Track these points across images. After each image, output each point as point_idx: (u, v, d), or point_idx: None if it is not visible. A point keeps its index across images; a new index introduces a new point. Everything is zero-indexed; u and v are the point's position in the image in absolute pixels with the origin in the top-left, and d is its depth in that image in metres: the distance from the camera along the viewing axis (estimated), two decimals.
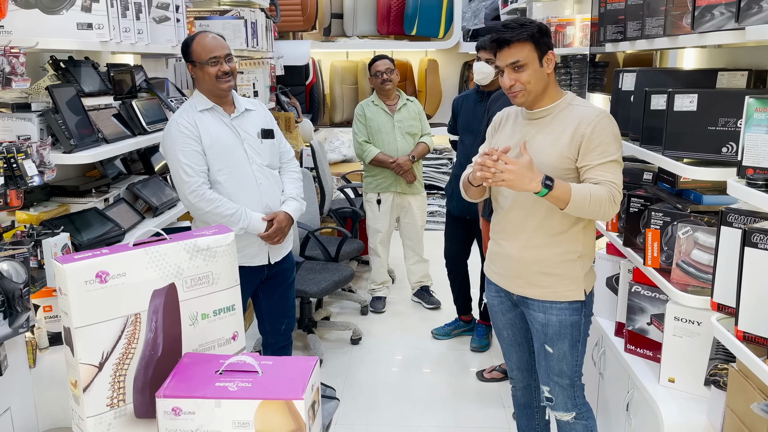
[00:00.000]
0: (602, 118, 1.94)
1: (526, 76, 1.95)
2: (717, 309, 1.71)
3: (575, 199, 1.84)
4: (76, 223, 2.27)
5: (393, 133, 4.08)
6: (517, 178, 1.81)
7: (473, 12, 6.43)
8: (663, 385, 2.07)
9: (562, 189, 1.84)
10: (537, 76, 1.96)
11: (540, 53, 1.95)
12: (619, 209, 1.94)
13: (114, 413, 1.31)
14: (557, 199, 1.85)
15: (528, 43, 1.94)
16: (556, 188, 1.83)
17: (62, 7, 2.17)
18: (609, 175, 1.90)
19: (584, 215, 1.92)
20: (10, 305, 1.73)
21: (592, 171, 1.92)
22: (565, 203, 1.85)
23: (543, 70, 1.97)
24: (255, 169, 2.49)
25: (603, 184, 1.89)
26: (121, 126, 2.52)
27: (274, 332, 2.74)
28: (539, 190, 1.82)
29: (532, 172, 1.82)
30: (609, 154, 1.91)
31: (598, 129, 1.91)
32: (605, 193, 1.87)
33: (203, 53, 2.39)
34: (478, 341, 3.74)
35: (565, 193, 1.84)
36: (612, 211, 1.90)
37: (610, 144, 1.92)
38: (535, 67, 1.95)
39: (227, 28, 3.73)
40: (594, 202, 1.86)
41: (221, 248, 1.43)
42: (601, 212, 1.89)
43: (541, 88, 1.99)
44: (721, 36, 1.69)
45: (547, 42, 1.98)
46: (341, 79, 6.58)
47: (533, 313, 2.10)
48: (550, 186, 1.82)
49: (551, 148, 1.97)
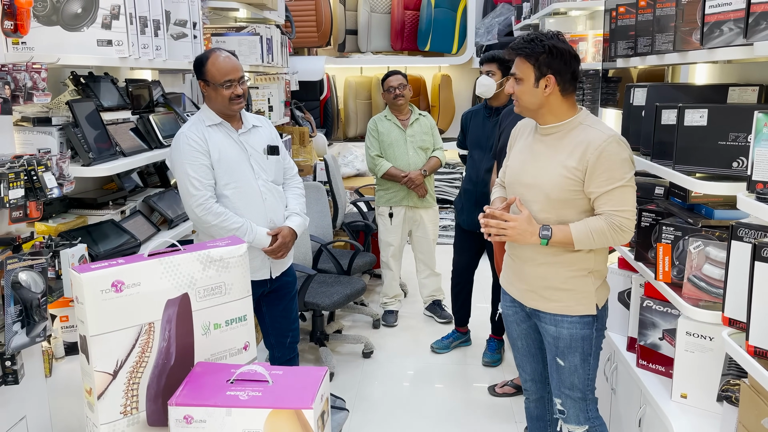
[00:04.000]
0: (609, 143, 1.92)
1: (519, 90, 2.01)
2: (728, 324, 1.70)
3: (578, 240, 1.95)
4: (93, 234, 2.31)
5: (405, 148, 4.11)
6: (517, 233, 1.97)
7: (486, 28, 6.47)
8: (675, 400, 2.05)
9: (563, 234, 1.96)
10: (529, 94, 1.98)
11: (538, 74, 1.95)
12: (629, 235, 1.96)
13: (127, 421, 1.33)
14: (561, 243, 1.98)
15: (527, 61, 1.96)
16: (555, 236, 1.96)
17: (83, 24, 2.23)
18: (613, 203, 1.93)
19: (599, 247, 2.00)
20: (27, 314, 1.76)
21: (597, 201, 1.96)
22: (571, 245, 1.97)
23: (537, 91, 1.97)
24: (261, 184, 2.53)
25: (604, 215, 1.94)
26: (138, 140, 2.57)
27: (280, 346, 2.76)
28: (539, 243, 1.97)
29: (531, 227, 1.97)
30: (614, 180, 1.91)
31: (604, 155, 1.91)
32: (605, 225, 1.93)
33: (218, 75, 2.42)
34: (490, 356, 3.73)
35: (566, 237, 1.96)
36: (621, 238, 1.96)
37: (616, 170, 1.91)
38: (529, 84, 1.97)
39: (243, 44, 3.80)
40: (598, 237, 1.95)
41: (234, 259, 1.46)
42: (611, 242, 1.97)
43: (535, 106, 2.00)
44: (729, 51, 1.70)
45: (553, 65, 1.94)
46: (355, 95, 6.64)
47: (545, 326, 2.11)
48: (548, 236, 1.96)
49: (558, 167, 1.97)
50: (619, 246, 2.48)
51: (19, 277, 1.72)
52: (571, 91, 2.00)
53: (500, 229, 1.99)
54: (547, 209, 2.00)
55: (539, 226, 1.97)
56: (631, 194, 1.95)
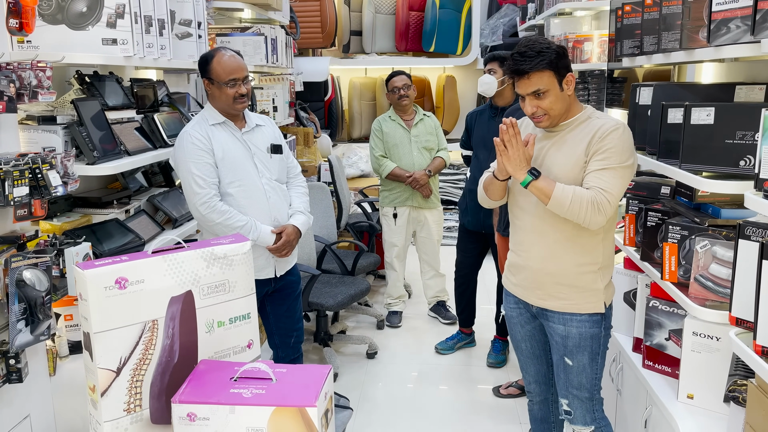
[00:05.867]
0: (616, 129, 1.93)
1: (547, 102, 1.96)
2: (735, 323, 1.69)
3: (557, 195, 1.91)
4: (98, 233, 2.31)
5: (409, 148, 4.10)
6: (513, 156, 1.94)
7: (491, 29, 6.46)
8: (682, 401, 2.04)
9: (547, 182, 1.93)
10: (559, 101, 1.97)
11: (560, 78, 1.95)
12: (603, 219, 1.91)
13: (131, 418, 1.33)
14: (540, 190, 1.93)
15: (547, 70, 1.93)
16: (541, 179, 1.93)
17: (88, 23, 2.23)
18: (602, 182, 1.90)
19: (565, 214, 1.93)
20: (32, 313, 1.76)
21: (588, 176, 1.94)
22: (547, 197, 1.92)
23: (564, 93, 1.97)
24: (264, 182, 2.53)
25: (591, 189, 1.91)
26: (143, 139, 2.57)
27: (284, 345, 2.76)
28: (524, 178, 1.93)
29: (525, 161, 1.94)
30: (610, 162, 1.91)
31: (608, 138, 1.92)
32: (588, 196, 1.89)
33: (223, 74, 2.42)
34: (495, 357, 3.72)
35: (548, 187, 1.92)
36: (593, 217, 1.89)
37: (615, 153, 1.91)
38: (556, 92, 1.95)
39: (248, 45, 3.80)
40: (575, 203, 1.89)
41: (238, 257, 1.45)
42: (581, 215, 1.90)
43: (563, 110, 2.00)
44: (736, 49, 1.69)
45: (566, 64, 1.97)
46: (359, 95, 6.64)
47: (553, 325, 2.09)
48: (535, 175, 1.93)
49: (567, 159, 1.97)
50: (623, 242, 2.47)
51: (24, 276, 1.73)
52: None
53: (509, 142, 1.93)
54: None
55: (530, 166, 1.95)
56: (621, 181, 1.93)
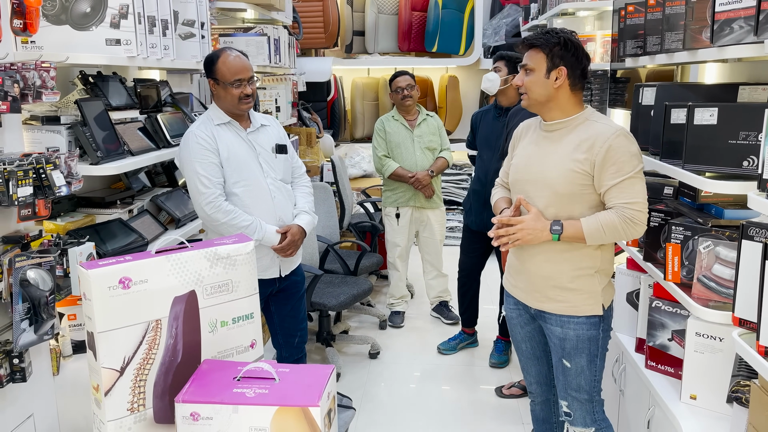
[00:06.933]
0: (617, 136, 1.92)
1: (529, 81, 2.00)
2: (738, 324, 1.68)
3: (589, 234, 1.94)
4: (101, 233, 2.31)
5: (412, 148, 4.10)
6: (528, 234, 1.97)
7: (494, 29, 6.46)
8: (684, 402, 2.03)
9: (574, 229, 1.95)
10: (539, 85, 1.98)
11: (550, 65, 1.96)
12: (642, 228, 1.95)
13: (134, 418, 1.33)
14: (572, 238, 1.96)
15: (541, 51, 1.96)
16: (566, 230, 1.95)
17: (92, 24, 2.24)
18: (624, 196, 1.92)
19: (610, 242, 1.99)
20: (35, 312, 1.76)
21: (607, 194, 1.95)
22: (583, 239, 1.95)
23: (548, 82, 1.97)
24: (269, 182, 2.54)
25: (615, 208, 1.93)
26: (146, 139, 2.58)
27: (288, 345, 2.76)
28: (551, 239, 1.96)
29: (540, 224, 1.96)
30: (623, 173, 1.91)
31: (612, 148, 1.91)
32: (616, 218, 1.92)
33: (228, 74, 2.42)
34: (497, 357, 3.72)
35: (577, 231, 1.95)
36: (633, 231, 1.94)
37: (624, 163, 1.91)
38: (540, 75, 1.97)
39: (251, 45, 3.81)
40: (610, 231, 1.93)
41: (241, 257, 1.46)
42: (623, 235, 1.95)
43: (543, 99, 2.00)
44: (740, 49, 1.69)
45: (566, 58, 1.96)
46: (362, 96, 6.64)
47: (551, 327, 2.09)
48: (558, 231, 1.95)
49: (565, 161, 1.97)
50: (626, 242, 2.47)
51: (28, 275, 1.73)
52: (579, 88, 2.00)
53: (510, 235, 1.98)
54: (554, 204, 1.99)
55: (549, 222, 1.96)
56: (641, 186, 1.95)
